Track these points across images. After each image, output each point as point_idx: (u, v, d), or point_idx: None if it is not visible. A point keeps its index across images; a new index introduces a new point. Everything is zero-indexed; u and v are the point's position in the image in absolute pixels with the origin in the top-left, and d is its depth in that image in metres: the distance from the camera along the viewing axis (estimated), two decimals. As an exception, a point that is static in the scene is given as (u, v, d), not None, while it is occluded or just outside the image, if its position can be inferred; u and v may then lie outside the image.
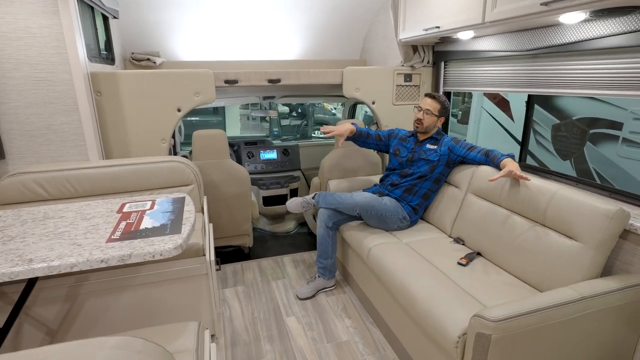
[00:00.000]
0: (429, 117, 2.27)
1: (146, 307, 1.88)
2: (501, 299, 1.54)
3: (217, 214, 2.77)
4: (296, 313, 2.29)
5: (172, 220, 1.45)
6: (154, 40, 3.16)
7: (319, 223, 2.39)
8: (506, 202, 1.88)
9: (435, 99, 2.27)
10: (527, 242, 1.70)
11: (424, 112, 2.27)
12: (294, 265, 2.87)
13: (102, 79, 2.26)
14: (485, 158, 2.11)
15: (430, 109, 2.26)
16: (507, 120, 4.31)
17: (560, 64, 1.84)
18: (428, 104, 2.27)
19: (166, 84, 2.39)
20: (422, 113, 2.28)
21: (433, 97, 2.28)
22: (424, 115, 2.27)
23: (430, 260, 1.91)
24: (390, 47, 3.09)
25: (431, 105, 2.26)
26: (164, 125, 2.44)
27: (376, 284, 2.05)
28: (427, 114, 2.27)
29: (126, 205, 1.64)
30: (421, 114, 2.28)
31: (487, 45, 2.25)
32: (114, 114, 2.33)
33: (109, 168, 2.12)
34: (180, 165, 2.25)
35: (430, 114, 2.27)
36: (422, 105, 2.28)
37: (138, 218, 1.48)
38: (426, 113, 2.27)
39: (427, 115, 2.27)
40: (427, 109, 2.26)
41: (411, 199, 2.32)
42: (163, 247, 1.22)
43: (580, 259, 1.48)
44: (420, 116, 2.28)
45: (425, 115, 2.27)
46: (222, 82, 2.52)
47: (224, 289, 2.57)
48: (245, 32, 3.22)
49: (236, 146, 3.70)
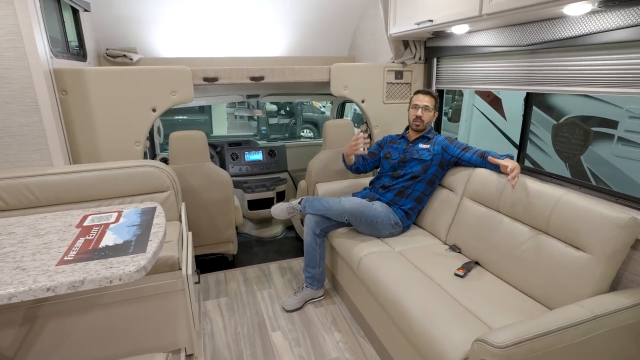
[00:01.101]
0: (428, 113, 2.21)
1: (116, 328, 1.71)
2: (503, 316, 1.41)
3: (198, 221, 2.59)
4: (282, 327, 2.14)
5: (138, 235, 1.28)
6: (130, 35, 2.96)
7: (305, 230, 2.24)
8: (506, 207, 1.75)
9: (429, 94, 2.22)
10: (529, 252, 1.58)
11: (422, 109, 2.19)
12: (281, 274, 2.72)
13: (68, 77, 2.07)
14: (482, 160, 1.99)
15: (428, 104, 2.20)
16: (499, 118, 4.21)
17: (562, 59, 1.71)
18: (426, 100, 2.20)
19: (139, 82, 2.21)
20: (420, 110, 2.20)
21: (427, 92, 2.23)
22: (423, 112, 2.20)
23: (425, 271, 1.77)
24: (380, 43, 2.95)
25: (429, 101, 2.21)
26: (138, 127, 2.26)
27: (367, 296, 1.92)
28: (425, 110, 2.20)
29: (88, 217, 1.46)
30: (420, 111, 2.20)
31: (482, 40, 2.12)
32: (81, 115, 2.14)
33: (74, 174, 1.94)
34: (155, 170, 2.08)
35: (429, 110, 2.20)
36: (419, 103, 2.21)
37: (99, 233, 1.31)
38: (425, 109, 2.19)
39: (426, 112, 2.20)
40: (425, 105, 2.19)
41: (403, 203, 2.19)
42: (123, 270, 1.05)
43: (589, 272, 1.36)
44: (420, 113, 2.20)
45: (425, 112, 2.20)
46: (201, 80, 2.35)
47: (206, 301, 2.40)
48: (228, 27, 3.05)
49: (219, 147, 3.52)
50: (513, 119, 4.10)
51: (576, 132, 3.10)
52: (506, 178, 1.77)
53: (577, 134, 3.09)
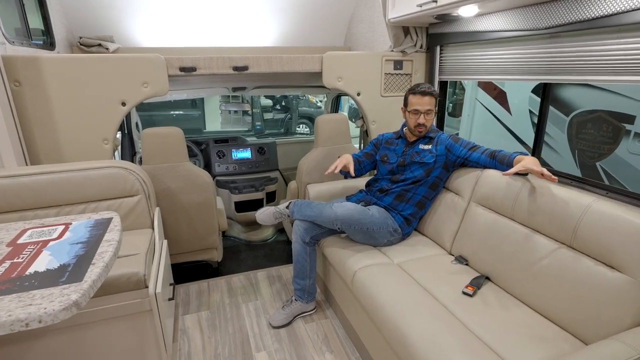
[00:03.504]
0: (431, 117, 1.92)
1: (73, 356, 1.47)
2: (523, 349, 1.18)
3: (176, 228, 2.35)
4: (268, 347, 1.91)
5: (79, 257, 1.04)
6: (107, 23, 2.69)
7: (294, 237, 2.00)
8: (521, 215, 1.52)
9: (430, 94, 1.88)
10: (551, 269, 1.35)
11: (424, 114, 1.88)
12: (269, 283, 2.49)
13: (21, 66, 1.81)
14: (491, 160, 1.75)
15: (430, 108, 1.88)
16: (504, 113, 3.97)
17: (589, 44, 1.48)
18: (427, 103, 1.87)
19: (106, 72, 1.96)
20: (422, 116, 1.88)
21: (428, 92, 1.87)
22: (426, 118, 1.89)
23: (428, 288, 1.54)
24: (378, 32, 2.70)
25: (430, 103, 1.88)
26: (105, 123, 2.01)
27: (363, 314, 1.69)
28: (428, 114, 1.89)
29: (27, 232, 1.22)
30: (422, 117, 1.88)
31: (493, 24, 1.87)
32: (39, 109, 1.89)
33: (28, 177, 1.69)
34: (122, 171, 1.83)
35: (432, 113, 1.90)
36: (420, 108, 1.88)
37: (33, 254, 1.07)
38: (427, 114, 1.89)
39: (429, 116, 1.90)
40: (428, 109, 1.88)
41: (403, 208, 1.95)
42: (45, 308, 0.82)
43: (627, 297, 1.13)
44: (422, 120, 1.89)
45: (427, 117, 1.89)
46: (177, 70, 2.10)
47: (185, 315, 2.17)
48: (215, 15, 2.79)
49: (204, 144, 3.28)
50: (518, 114, 3.85)
51: (603, 129, 2.83)
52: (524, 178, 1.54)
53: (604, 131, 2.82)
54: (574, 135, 3.11)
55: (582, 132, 2.99)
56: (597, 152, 2.89)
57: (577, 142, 3.06)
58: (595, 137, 2.88)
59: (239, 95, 3.56)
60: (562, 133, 3.32)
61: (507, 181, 1.62)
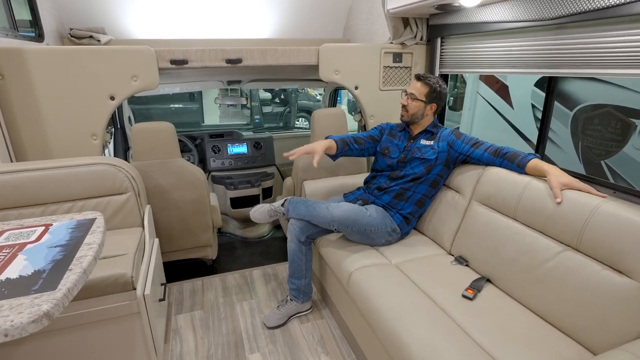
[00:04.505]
0: (414, 104, 1.84)
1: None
2: (526, 357, 1.13)
3: (168, 226, 2.29)
4: (262, 348, 1.87)
5: (56, 262, 0.98)
6: (98, 13, 2.61)
7: (289, 236, 1.95)
8: (524, 215, 1.46)
9: (422, 80, 1.83)
10: (556, 273, 1.29)
11: (408, 97, 1.85)
12: (265, 281, 2.44)
13: (5, 58, 1.74)
14: (495, 158, 1.68)
15: (414, 92, 1.83)
16: (506, 107, 3.89)
17: (597, 35, 1.40)
18: (415, 88, 1.84)
19: (94, 65, 1.88)
20: (407, 98, 1.85)
21: (420, 78, 1.83)
22: (408, 101, 1.85)
23: (426, 290, 1.49)
24: (377, 24, 2.62)
25: (416, 89, 1.83)
26: (94, 118, 1.94)
27: (359, 317, 1.63)
28: (411, 99, 1.84)
29: (4, 234, 1.16)
30: (406, 99, 1.86)
31: (496, 15, 1.79)
32: (24, 104, 1.82)
33: (12, 174, 1.63)
34: (110, 168, 1.77)
35: (415, 100, 1.83)
36: (408, 89, 1.87)
37: (7, 259, 1.01)
38: (410, 98, 1.84)
39: (412, 101, 1.84)
40: (411, 92, 1.84)
41: (402, 207, 1.89)
42: (12, 321, 0.76)
43: (636, 304, 1.07)
44: (405, 102, 1.86)
45: (410, 101, 1.84)
46: (168, 63, 2.02)
47: (178, 315, 2.12)
48: (209, 5, 2.70)
49: (198, 139, 3.20)
50: (521, 107, 3.77)
51: (611, 125, 2.73)
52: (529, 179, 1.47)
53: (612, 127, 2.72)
54: (579, 131, 3.02)
55: (589, 128, 2.90)
56: (604, 149, 2.81)
57: (583, 138, 2.97)
58: (602, 134, 2.79)
59: (237, 88, 3.48)
60: (565, 128, 3.24)
61: (510, 180, 1.56)
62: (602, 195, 1.26)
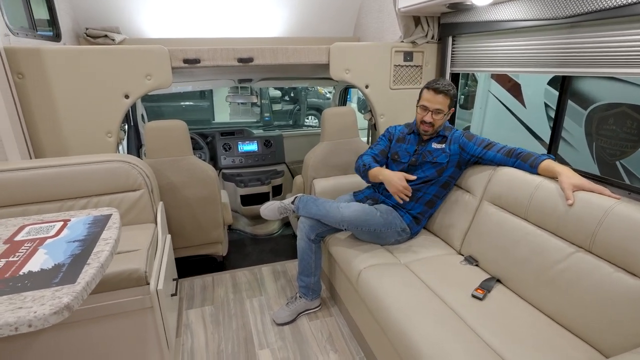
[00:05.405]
0: (440, 118, 1.78)
1: (74, 352, 1.46)
2: (535, 359, 1.13)
3: (180, 222, 2.33)
4: (271, 344, 1.89)
5: (75, 257, 1.01)
6: (112, 13, 2.65)
7: (299, 234, 1.96)
8: (536, 216, 1.45)
9: (445, 93, 1.73)
10: (567, 274, 1.28)
11: (432, 113, 1.77)
12: (274, 278, 2.46)
13: (24, 58, 1.78)
14: (509, 158, 1.66)
15: (441, 108, 1.75)
16: (518, 106, 3.84)
17: (612, 34, 1.38)
18: (439, 102, 1.74)
19: (109, 64, 1.92)
20: (430, 115, 1.77)
21: (443, 91, 1.73)
22: (433, 118, 1.77)
23: (436, 290, 1.49)
24: (388, 22, 2.61)
25: (442, 104, 1.75)
26: (109, 116, 1.98)
27: (368, 315, 1.64)
28: (437, 114, 1.77)
29: (25, 229, 1.20)
30: (429, 115, 1.77)
31: (509, 13, 1.78)
32: (42, 102, 1.87)
33: (30, 171, 1.67)
34: (125, 165, 1.81)
35: (442, 113, 1.77)
36: (430, 105, 1.76)
37: (28, 252, 1.04)
38: (437, 114, 1.77)
39: (437, 116, 1.77)
40: (437, 109, 1.75)
41: (412, 207, 1.89)
42: (35, 312, 0.79)
43: (649, 307, 1.07)
44: (429, 119, 1.77)
45: (435, 117, 1.77)
46: (181, 62, 2.05)
47: (189, 310, 2.16)
48: (221, 4, 2.73)
49: (210, 137, 3.24)
50: (533, 107, 3.73)
51: (626, 125, 2.67)
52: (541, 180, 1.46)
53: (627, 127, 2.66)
54: (593, 130, 2.97)
55: (603, 128, 2.84)
56: (618, 149, 2.75)
57: (597, 138, 2.92)
58: (617, 134, 2.74)
59: (247, 86, 3.51)
60: (579, 127, 3.19)
61: (522, 180, 1.55)
62: (616, 197, 1.25)
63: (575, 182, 1.34)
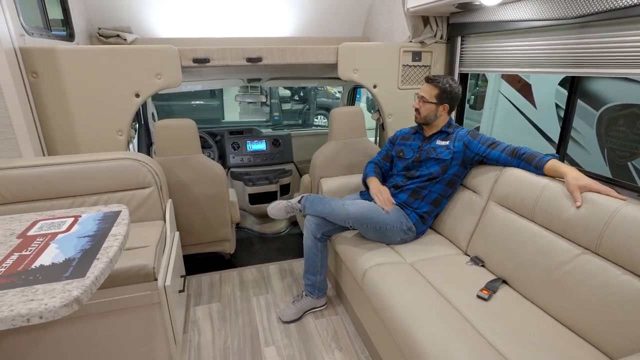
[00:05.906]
0: (425, 106, 1.88)
1: (82, 346, 1.50)
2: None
3: (188, 220, 2.36)
4: (277, 341, 1.91)
5: (85, 252, 1.04)
6: (124, 13, 2.70)
7: (305, 233, 1.98)
8: (542, 217, 1.44)
9: (431, 82, 1.86)
10: (574, 276, 1.27)
11: (419, 99, 1.90)
12: (281, 276, 2.48)
13: (38, 57, 1.83)
14: (513, 159, 1.66)
15: (425, 95, 1.88)
16: (528, 106, 3.80)
17: (623, 34, 1.36)
18: (424, 91, 1.88)
19: (120, 63, 1.95)
20: (418, 101, 1.91)
21: (428, 80, 1.88)
22: (420, 103, 1.90)
23: (441, 290, 1.49)
24: (397, 22, 2.61)
25: (426, 91, 1.87)
26: (120, 114, 2.02)
27: (373, 314, 1.65)
28: (422, 101, 1.88)
29: (37, 224, 1.23)
30: (417, 102, 1.91)
31: (518, 13, 1.77)
32: (55, 101, 1.91)
33: (42, 168, 1.72)
34: (135, 163, 1.84)
35: (426, 102, 1.87)
36: (419, 92, 1.92)
37: (40, 247, 1.07)
38: (422, 101, 1.89)
39: (422, 104, 1.88)
40: (421, 95, 1.89)
41: (418, 205, 1.89)
42: (46, 304, 0.81)
43: (656, 310, 1.05)
44: (417, 105, 1.92)
45: (421, 104, 1.89)
46: (190, 62, 2.08)
47: (197, 307, 2.19)
48: (231, 4, 2.75)
49: (218, 136, 3.27)
50: (544, 107, 3.68)
51: (636, 126, 2.63)
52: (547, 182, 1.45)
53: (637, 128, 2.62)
54: (604, 131, 2.92)
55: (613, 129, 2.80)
56: (628, 151, 2.71)
57: (606, 139, 2.87)
58: (627, 135, 2.69)
59: (257, 86, 3.54)
60: (590, 128, 3.14)
61: (529, 181, 1.54)
62: (622, 198, 1.24)
63: (582, 183, 1.33)
